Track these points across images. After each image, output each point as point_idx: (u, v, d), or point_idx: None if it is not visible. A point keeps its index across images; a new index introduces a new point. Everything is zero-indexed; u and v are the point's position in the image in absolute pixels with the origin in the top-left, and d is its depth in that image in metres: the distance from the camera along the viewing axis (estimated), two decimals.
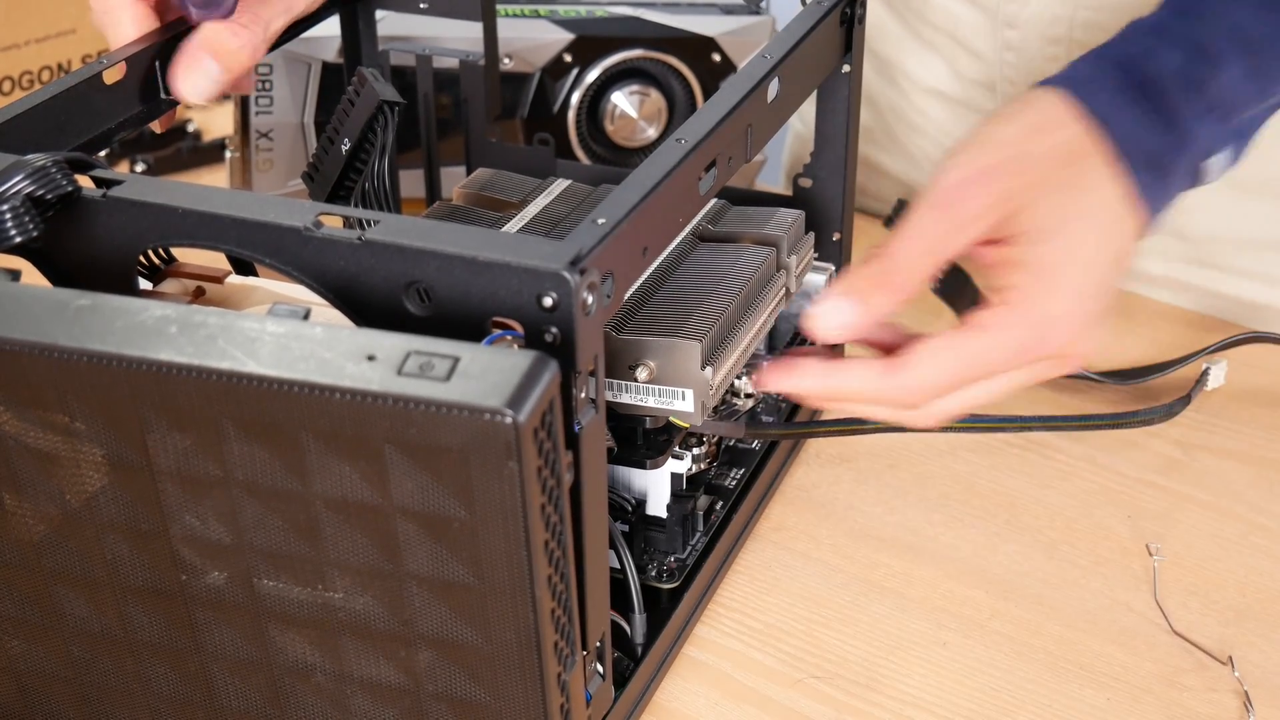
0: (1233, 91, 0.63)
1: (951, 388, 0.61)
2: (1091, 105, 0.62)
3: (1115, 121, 0.62)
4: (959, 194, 0.60)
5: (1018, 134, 0.62)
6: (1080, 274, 0.61)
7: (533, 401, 0.40)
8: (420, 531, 0.43)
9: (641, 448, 0.62)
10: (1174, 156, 0.63)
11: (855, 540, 0.69)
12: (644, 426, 0.62)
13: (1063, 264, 0.60)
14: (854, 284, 0.60)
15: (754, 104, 0.59)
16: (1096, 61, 0.64)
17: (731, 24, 0.93)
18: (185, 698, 0.50)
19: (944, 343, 0.60)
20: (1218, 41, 0.63)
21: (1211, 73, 0.63)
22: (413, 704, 0.47)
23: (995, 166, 0.61)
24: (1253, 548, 0.69)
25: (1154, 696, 0.61)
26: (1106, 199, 0.62)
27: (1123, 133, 0.62)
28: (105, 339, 0.42)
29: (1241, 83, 0.63)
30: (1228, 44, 0.63)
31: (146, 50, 0.63)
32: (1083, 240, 0.61)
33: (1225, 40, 0.63)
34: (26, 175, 0.49)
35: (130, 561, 0.47)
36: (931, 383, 0.60)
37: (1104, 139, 0.62)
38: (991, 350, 0.60)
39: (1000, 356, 0.60)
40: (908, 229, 0.60)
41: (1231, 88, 0.63)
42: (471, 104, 0.82)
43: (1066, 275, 0.61)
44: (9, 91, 1.04)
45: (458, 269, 0.46)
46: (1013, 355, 0.60)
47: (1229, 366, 0.79)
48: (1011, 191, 0.60)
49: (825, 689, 0.61)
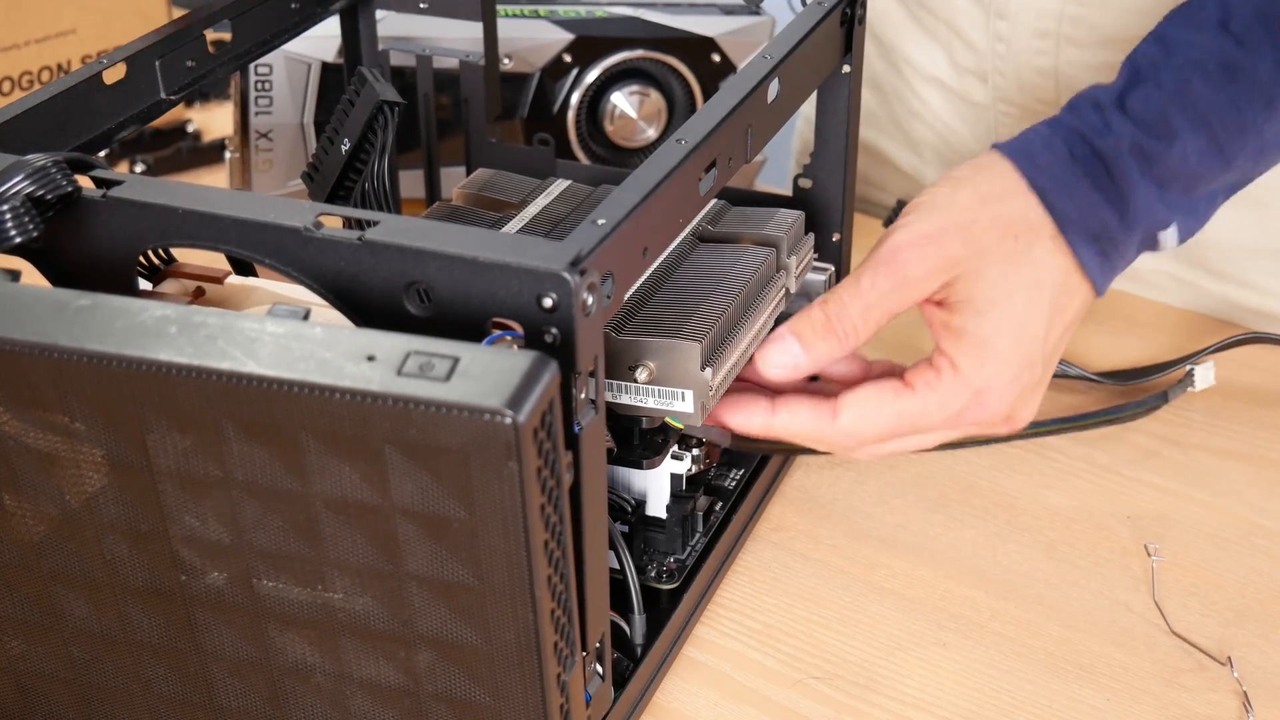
0: (1191, 165, 0.65)
1: (882, 439, 0.64)
2: (1041, 180, 0.64)
3: (1064, 197, 0.64)
4: (905, 256, 0.62)
5: (969, 201, 0.63)
6: (1017, 347, 0.63)
7: (533, 402, 0.40)
8: (420, 532, 0.43)
9: (638, 448, 0.62)
10: (1123, 232, 0.65)
11: (855, 540, 0.69)
12: (640, 427, 0.61)
13: (1000, 337, 0.63)
14: (801, 327, 0.63)
15: (754, 104, 0.59)
16: (1050, 133, 0.65)
17: (731, 24, 0.93)
18: (185, 698, 0.50)
19: (880, 397, 0.63)
20: (1173, 116, 0.64)
21: (1166, 148, 0.64)
22: (412, 704, 0.47)
23: (943, 231, 0.63)
24: (1252, 548, 0.69)
25: (1153, 697, 0.61)
26: (1051, 273, 0.64)
27: (1071, 209, 0.64)
28: (105, 339, 0.42)
29: (1201, 156, 0.65)
30: (1184, 119, 0.64)
31: (146, 50, 0.63)
32: (1023, 315, 0.63)
33: (1181, 115, 0.64)
34: (26, 175, 0.49)
35: (130, 562, 0.47)
36: (864, 433, 0.64)
37: (1052, 213, 0.63)
38: (924, 413, 0.63)
39: (932, 420, 0.64)
40: (854, 283, 0.63)
41: (1189, 161, 0.64)
42: (471, 104, 0.82)
43: (1004, 348, 0.63)
44: (9, 91, 1.04)
45: (458, 269, 0.46)
46: (944, 420, 0.64)
47: (1229, 367, 0.80)
48: (957, 259, 0.62)
49: (825, 690, 0.61)
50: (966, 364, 0.63)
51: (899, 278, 0.62)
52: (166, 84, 0.64)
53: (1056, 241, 0.64)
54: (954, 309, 0.63)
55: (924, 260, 0.62)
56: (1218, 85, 0.63)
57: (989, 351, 0.63)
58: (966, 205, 0.63)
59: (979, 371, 0.63)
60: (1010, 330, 0.63)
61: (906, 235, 0.63)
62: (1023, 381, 0.64)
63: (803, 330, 0.63)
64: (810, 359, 0.63)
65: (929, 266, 0.62)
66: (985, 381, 0.63)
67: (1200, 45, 0.64)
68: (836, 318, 0.63)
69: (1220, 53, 0.63)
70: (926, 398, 0.63)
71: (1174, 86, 0.63)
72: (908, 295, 0.63)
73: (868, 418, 0.63)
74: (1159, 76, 0.64)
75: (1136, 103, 0.64)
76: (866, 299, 0.63)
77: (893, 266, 0.62)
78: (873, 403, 0.63)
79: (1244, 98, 0.63)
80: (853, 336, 0.63)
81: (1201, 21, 0.64)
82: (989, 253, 0.63)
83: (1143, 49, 0.66)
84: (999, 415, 0.64)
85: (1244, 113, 0.64)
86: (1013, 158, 0.64)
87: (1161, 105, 0.64)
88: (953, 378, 0.63)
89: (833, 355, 0.63)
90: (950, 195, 0.64)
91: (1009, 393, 0.64)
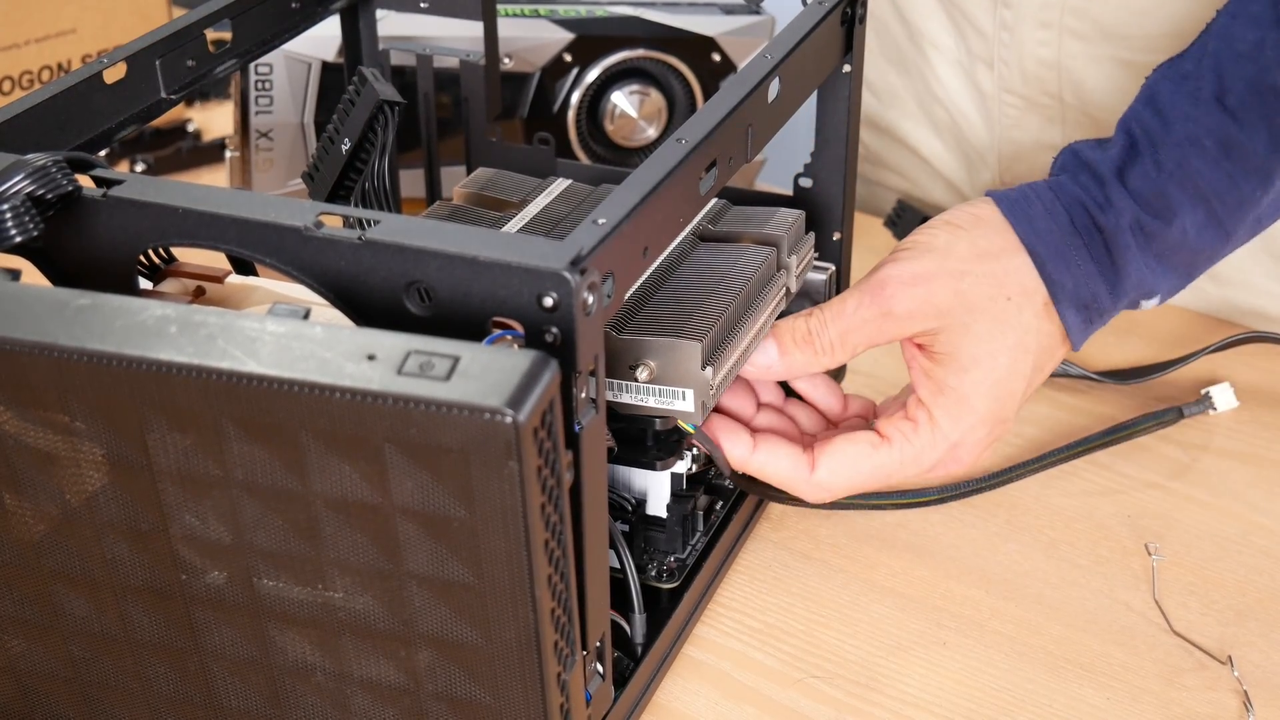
0: (1190, 239, 0.66)
1: (854, 491, 0.66)
2: (1041, 248, 0.65)
3: (1062, 267, 0.66)
4: (893, 291, 0.64)
5: (965, 253, 0.65)
6: (995, 405, 0.65)
7: (533, 401, 0.40)
8: (420, 531, 0.43)
9: (652, 449, 0.62)
10: (1112, 302, 0.67)
11: (855, 540, 0.69)
12: (654, 428, 0.62)
13: (980, 396, 0.64)
14: (782, 333, 0.65)
15: (754, 104, 0.59)
16: (1053, 199, 0.66)
17: (731, 24, 0.93)
18: (185, 697, 0.50)
19: (856, 452, 0.65)
20: (1173, 194, 0.65)
21: (1165, 226, 0.65)
22: (413, 704, 0.47)
23: (933, 276, 0.64)
24: (1253, 548, 0.69)
25: (1153, 696, 0.61)
26: (1038, 338, 0.65)
27: (1067, 279, 0.65)
28: (105, 339, 0.42)
29: (1200, 231, 0.66)
30: (1183, 195, 0.65)
31: (147, 50, 0.63)
32: (1005, 375, 0.65)
33: (1180, 192, 0.65)
34: (27, 175, 0.49)
35: (130, 561, 0.47)
36: (838, 486, 0.65)
37: (1048, 283, 0.65)
38: (900, 467, 0.65)
39: (906, 472, 0.66)
40: (840, 304, 0.65)
41: (1188, 236, 0.66)
42: (471, 104, 0.82)
43: (982, 406, 0.65)
44: (9, 91, 1.04)
45: (458, 269, 0.46)
46: (917, 470, 0.66)
47: (1229, 367, 0.80)
48: (945, 309, 0.64)
49: (825, 689, 0.61)
50: (945, 419, 0.65)
51: (882, 310, 0.64)
52: (167, 83, 0.64)
53: (1048, 309, 0.65)
54: (937, 360, 0.64)
55: (910, 299, 0.63)
56: (1215, 162, 0.64)
57: (967, 408, 0.64)
58: (962, 256, 0.64)
59: (955, 426, 0.65)
60: (991, 389, 0.64)
61: (897, 271, 0.64)
62: (994, 435, 0.66)
63: (783, 336, 0.64)
64: (784, 365, 0.64)
65: (913, 306, 0.63)
66: (961, 436, 0.65)
67: (1198, 121, 0.65)
68: (817, 333, 0.64)
69: (1218, 130, 0.64)
70: (904, 450, 0.65)
71: (1173, 164, 0.65)
72: (889, 329, 0.64)
73: (844, 472, 0.65)
74: (1157, 154, 0.65)
75: (1135, 179, 0.65)
76: (848, 322, 0.64)
77: (879, 298, 0.64)
78: (849, 458, 0.65)
79: (1240, 173, 0.65)
80: (828, 354, 0.64)
81: (1198, 94, 0.65)
82: (978, 309, 0.64)
83: (1138, 116, 0.67)
84: (965, 465, 0.67)
85: (1241, 188, 0.65)
86: (1012, 219, 0.66)
87: (1160, 183, 0.65)
88: (930, 432, 0.65)
89: (807, 367, 0.65)
90: (948, 242, 0.65)
91: (980, 445, 0.66)
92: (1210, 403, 0.76)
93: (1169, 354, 0.80)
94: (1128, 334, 0.84)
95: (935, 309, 0.64)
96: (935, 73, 0.95)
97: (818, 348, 0.64)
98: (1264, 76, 0.63)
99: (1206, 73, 0.65)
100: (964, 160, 0.97)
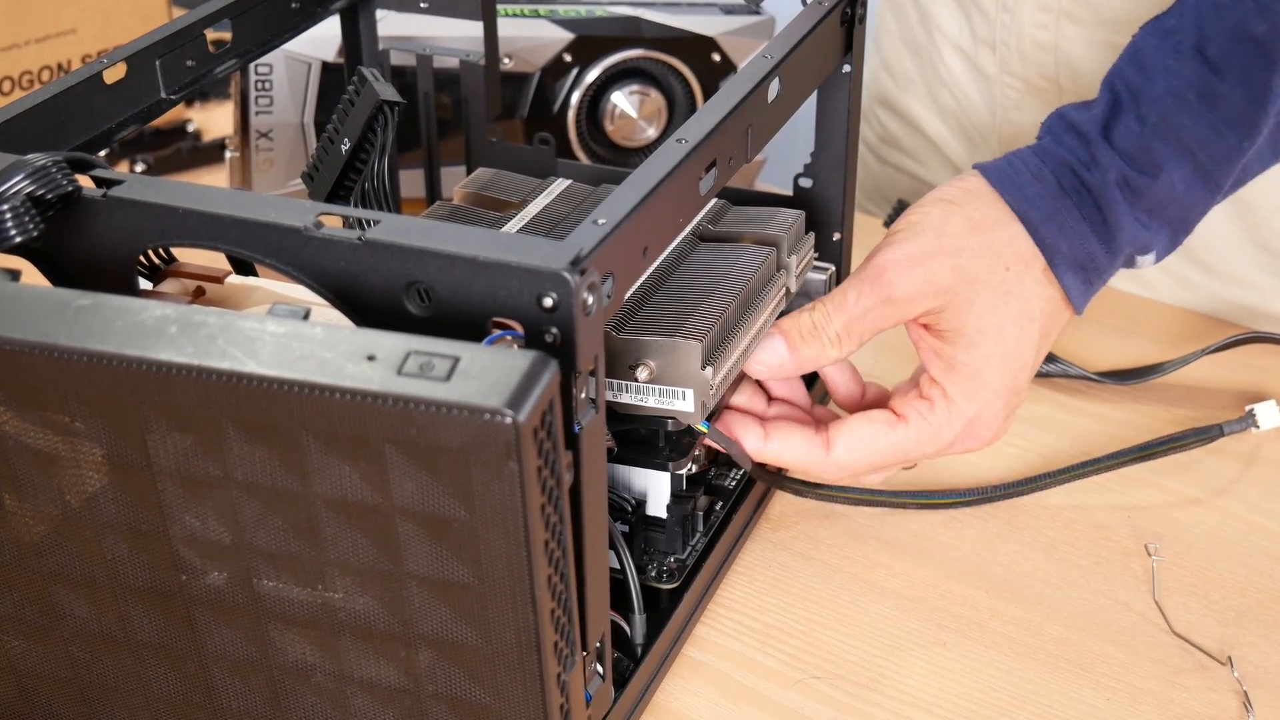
0: (1178, 193, 0.66)
1: (874, 470, 0.66)
2: (1032, 214, 0.65)
3: (1055, 230, 0.65)
4: (892, 275, 0.64)
5: (959, 228, 0.65)
6: (1008, 377, 0.65)
7: (533, 401, 0.40)
8: (420, 531, 0.43)
9: (664, 449, 0.62)
10: (1108, 260, 0.66)
11: (855, 540, 0.69)
12: (666, 429, 0.62)
13: (992, 369, 0.64)
14: (789, 329, 0.64)
15: (754, 104, 0.59)
16: (1039, 164, 0.66)
17: (731, 24, 0.93)
18: (185, 698, 0.50)
19: (872, 430, 0.65)
20: (1157, 148, 0.65)
21: (1152, 180, 0.65)
22: (413, 704, 0.47)
23: (930, 255, 0.64)
24: (1253, 548, 0.69)
25: (1153, 696, 0.61)
26: (1041, 304, 0.65)
27: (1061, 242, 0.65)
28: (105, 339, 0.42)
29: (1188, 185, 0.66)
30: (1168, 150, 0.65)
31: (147, 50, 0.63)
32: (1014, 346, 0.65)
33: (1164, 146, 0.65)
34: (27, 175, 0.49)
35: (130, 562, 0.47)
36: (857, 465, 0.65)
37: (1043, 248, 0.65)
38: (918, 444, 0.65)
39: (925, 450, 0.65)
40: (840, 295, 0.65)
41: (1176, 190, 0.65)
42: (471, 104, 0.82)
43: (995, 379, 0.64)
44: (9, 91, 1.04)
45: (458, 269, 0.46)
46: (935, 448, 0.65)
47: (1229, 367, 0.80)
48: (946, 287, 0.64)
49: (825, 689, 0.61)
50: (959, 395, 0.64)
51: (883, 296, 0.63)
52: (167, 83, 0.64)
53: (1047, 275, 0.65)
54: (945, 338, 0.64)
55: (910, 281, 0.63)
56: (1197, 114, 0.64)
57: (981, 382, 0.64)
58: (956, 232, 0.64)
59: (971, 402, 0.64)
60: (1001, 361, 0.64)
61: (893, 254, 0.64)
62: (1010, 406, 0.65)
63: (790, 332, 0.64)
64: (795, 361, 0.64)
65: (914, 288, 0.63)
66: (977, 412, 0.64)
67: (1179, 74, 0.64)
68: (821, 326, 0.64)
69: (1199, 81, 0.64)
70: (920, 428, 0.64)
71: (1155, 118, 0.64)
72: (891, 313, 0.64)
73: (861, 450, 0.65)
74: (1140, 109, 0.65)
75: (1120, 135, 0.65)
76: (851, 313, 0.64)
77: (879, 284, 0.63)
78: (866, 435, 0.64)
79: (1224, 124, 0.64)
80: (836, 346, 0.64)
81: (1179, 46, 0.65)
82: (979, 282, 0.64)
83: (1121, 72, 0.66)
84: (986, 441, 0.66)
85: (1226, 139, 0.64)
86: (1000, 188, 0.65)
87: (1145, 138, 0.64)
88: (946, 409, 0.64)
89: (817, 361, 0.64)
90: (941, 219, 0.65)
91: (998, 419, 0.65)
92: (1254, 420, 0.72)
93: (1169, 354, 0.80)
94: (1127, 334, 0.84)
95: (936, 288, 0.63)
96: (942, 57, 0.95)
97: (825, 340, 0.64)
98: (1244, 26, 0.63)
99: (1187, 26, 0.65)
100: (967, 142, 0.97)
